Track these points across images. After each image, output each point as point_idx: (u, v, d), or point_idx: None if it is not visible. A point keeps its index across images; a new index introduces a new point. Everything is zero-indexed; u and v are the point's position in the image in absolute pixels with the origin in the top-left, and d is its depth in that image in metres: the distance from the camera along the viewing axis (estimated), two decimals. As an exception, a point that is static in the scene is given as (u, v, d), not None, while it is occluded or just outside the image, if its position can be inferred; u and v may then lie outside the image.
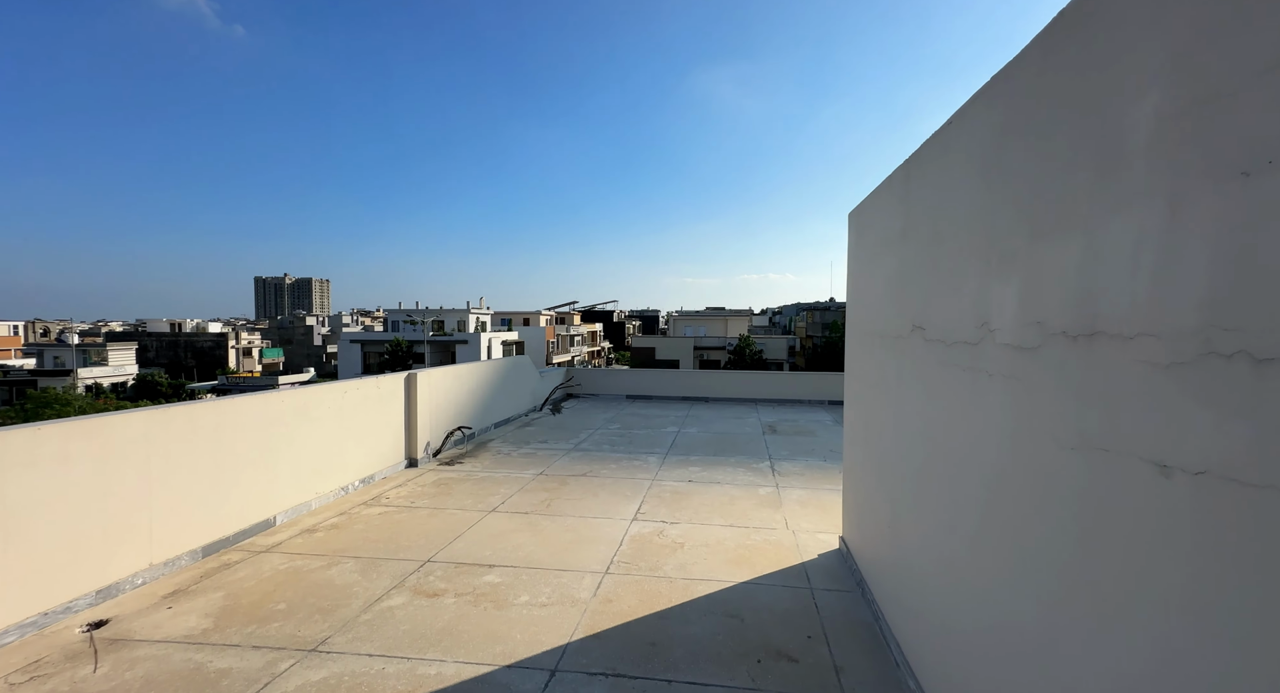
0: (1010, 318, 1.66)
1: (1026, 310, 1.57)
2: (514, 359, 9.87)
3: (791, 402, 11.77)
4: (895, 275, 2.86)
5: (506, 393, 9.26)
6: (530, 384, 10.36)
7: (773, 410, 10.89)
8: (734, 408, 11.16)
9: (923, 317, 2.46)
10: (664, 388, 12.37)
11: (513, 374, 9.56)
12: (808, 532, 4.59)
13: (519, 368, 9.91)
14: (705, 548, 4.22)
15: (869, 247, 3.48)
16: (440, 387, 7.17)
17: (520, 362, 10.04)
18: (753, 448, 7.65)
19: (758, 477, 6.20)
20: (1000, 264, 1.73)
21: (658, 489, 5.70)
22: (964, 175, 2.03)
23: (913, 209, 2.64)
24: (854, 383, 3.86)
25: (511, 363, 9.65)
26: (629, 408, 11.08)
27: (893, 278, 2.90)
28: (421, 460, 6.59)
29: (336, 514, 4.86)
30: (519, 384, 9.83)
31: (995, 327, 1.76)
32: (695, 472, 6.37)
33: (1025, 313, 1.58)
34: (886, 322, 3.01)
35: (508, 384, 9.31)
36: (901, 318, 2.74)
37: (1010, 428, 1.65)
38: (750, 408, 11.18)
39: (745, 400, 11.92)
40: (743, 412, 10.74)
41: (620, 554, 4.10)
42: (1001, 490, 1.70)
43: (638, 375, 12.88)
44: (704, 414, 10.41)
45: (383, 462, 6.01)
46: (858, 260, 3.81)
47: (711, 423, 9.53)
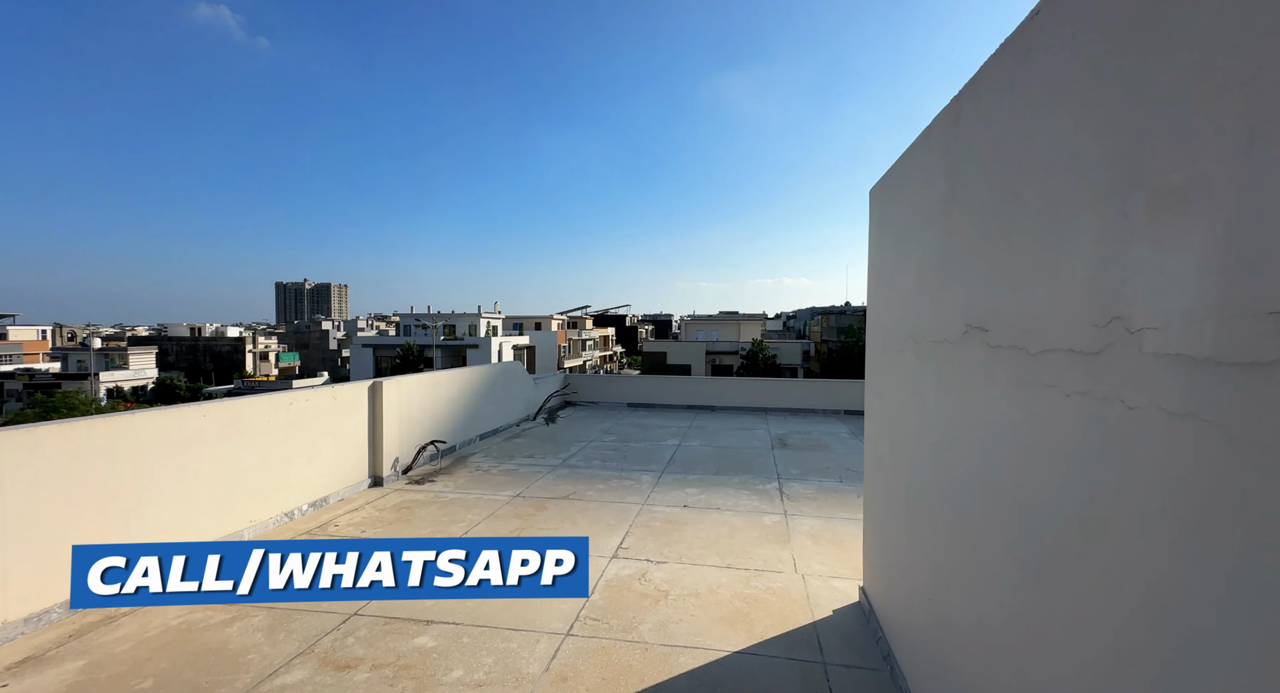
0: (1194, 304, 0.90)
1: (1239, 291, 0.82)
2: (503, 365, 9.22)
3: (804, 411, 10.93)
4: (937, 259, 2.10)
5: (494, 402, 8.59)
6: (522, 392, 9.69)
7: (784, 421, 10.07)
8: (742, 418, 10.36)
9: (984, 312, 1.70)
10: (668, 396, 11.61)
11: (501, 382, 8.90)
12: (820, 576, 3.80)
13: (509, 375, 9.24)
14: (695, 598, 3.47)
15: (896, 227, 2.72)
16: (413, 396, 6.52)
17: (511, 368, 9.37)
18: (760, 465, 6.86)
19: (763, 501, 5.41)
20: (1160, 207, 0.97)
21: (647, 516, 4.95)
22: (1071, 78, 1.27)
23: (964, 162, 1.88)
24: (877, 399, 3.09)
25: (500, 370, 8.98)
26: (629, 418, 10.34)
27: (933, 263, 2.14)
28: (388, 479, 5.93)
29: (272, 546, 4.20)
30: (509, 392, 9.16)
31: (1145, 324, 1.00)
32: (692, 494, 5.61)
33: (1237, 296, 0.82)
34: (923, 322, 2.25)
35: (496, 392, 8.65)
36: (946, 316, 1.98)
37: (1180, 513, 0.89)
38: (759, 418, 10.37)
39: (754, 410, 11.11)
40: (751, 422, 9.93)
41: (590, 606, 3.36)
42: (1167, 621, 0.93)
43: (640, 382, 12.15)
44: (709, 425, 9.62)
45: (340, 481, 5.35)
46: (881, 247, 3.05)
47: (716, 435, 8.74)
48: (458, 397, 7.53)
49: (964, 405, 1.84)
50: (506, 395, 9.06)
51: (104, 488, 3.35)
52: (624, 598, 3.46)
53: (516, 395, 9.44)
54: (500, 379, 8.88)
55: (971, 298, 1.79)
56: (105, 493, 3.35)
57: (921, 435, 2.24)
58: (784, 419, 10.24)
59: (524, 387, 9.77)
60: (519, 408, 9.52)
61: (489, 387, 8.46)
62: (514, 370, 9.47)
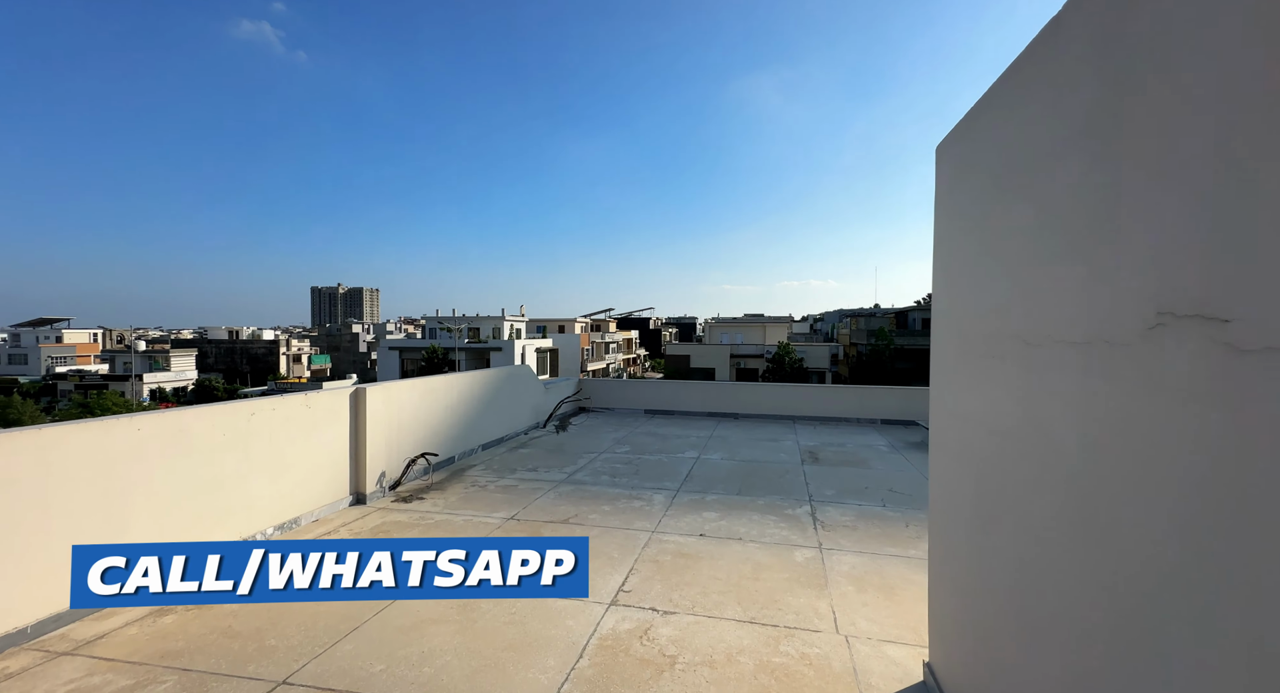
0: None
1: None
2: (510, 369, 8.63)
3: (837, 420, 10.02)
4: (1086, 208, 1.33)
5: (500, 409, 7.99)
6: (531, 398, 9.08)
7: (814, 431, 9.20)
8: (768, 427, 9.53)
9: (1204, 289, 0.95)
10: (688, 402, 10.85)
11: (508, 387, 8.30)
12: (869, 639, 3.02)
13: (516, 380, 8.65)
14: (709, 669, 2.73)
15: (991, 179, 1.95)
16: (404, 404, 5.95)
17: (518, 372, 8.78)
18: (788, 484, 6.06)
19: (793, 530, 4.63)
20: None
21: (656, 548, 4.23)
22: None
23: (1151, 26, 1.12)
24: (952, 423, 2.31)
25: (506, 374, 8.39)
26: (645, 425, 9.62)
27: (1075, 215, 1.38)
28: (372, 496, 5.36)
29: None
30: (517, 398, 8.56)
31: None
32: (711, 520, 4.86)
33: None
34: (1046, 311, 1.49)
35: (501, 399, 8.05)
36: (1107, 299, 1.22)
37: None
38: (787, 427, 9.52)
39: (782, 418, 10.26)
40: (778, 432, 9.10)
41: (578, 676, 2.67)
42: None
43: (659, 387, 11.42)
44: (732, 435, 8.83)
45: (315, 500, 4.79)
46: (959, 214, 2.28)
47: (740, 447, 7.95)
48: (457, 404, 6.95)
49: (1147, 452, 1.08)
50: (514, 402, 8.46)
51: (6, 520, 2.80)
52: (619, 666, 2.75)
53: (525, 402, 8.84)
54: (506, 385, 8.29)
55: (1173, 265, 1.03)
56: (6, 525, 2.81)
57: (1044, 488, 1.47)
58: (814, 429, 9.37)
59: (533, 392, 9.16)
60: (527, 415, 8.91)
61: (494, 393, 7.87)
62: (521, 375, 8.87)
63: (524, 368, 8.94)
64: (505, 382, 8.26)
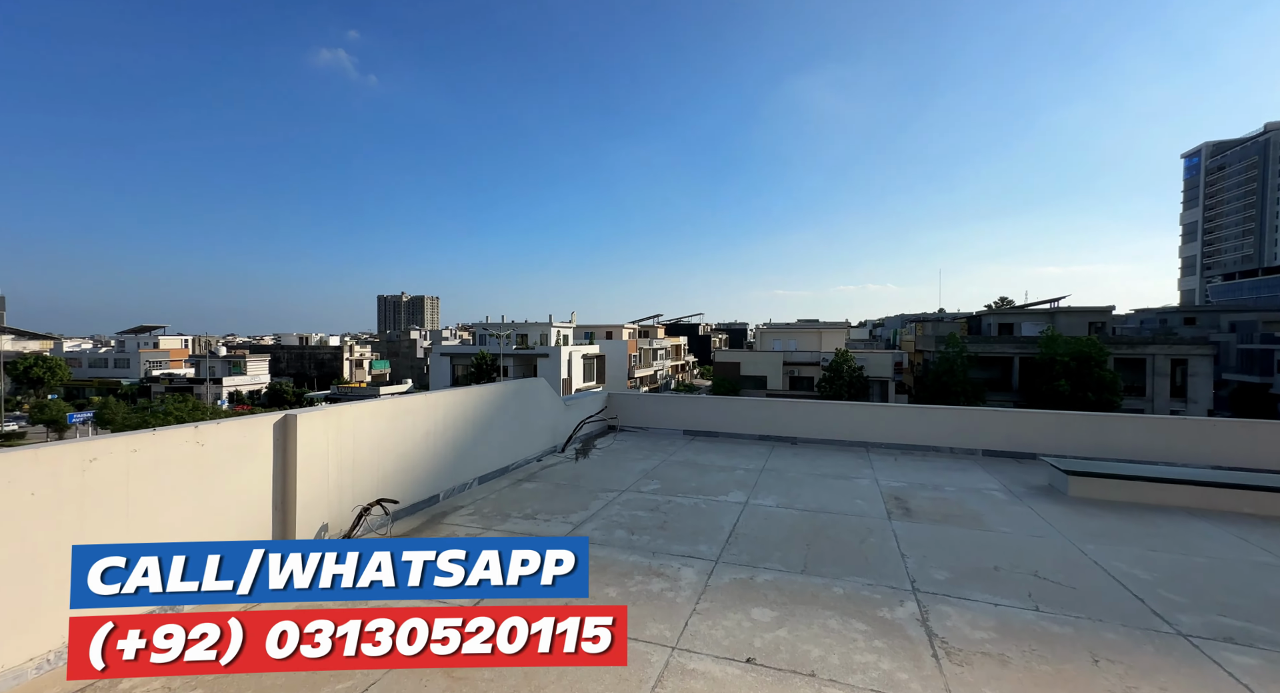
0: None
1: None
2: (520, 383, 7.23)
3: (922, 449, 8.00)
4: None
5: (504, 432, 6.60)
6: (546, 417, 7.65)
7: (896, 465, 7.26)
8: (835, 457, 7.66)
9: None
10: (734, 421, 9.10)
11: (514, 405, 6.90)
12: None
13: (526, 395, 7.24)
14: None
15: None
16: (363, 434, 4.63)
17: (529, 388, 7.37)
18: (875, 554, 4.28)
19: (897, 655, 2.89)
20: None
21: (674, 684, 2.63)
22: None
23: None
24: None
25: (513, 389, 7.00)
26: (683, 451, 7.97)
27: None
28: (305, 558, 4.04)
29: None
30: (527, 418, 7.15)
31: None
32: (764, 625, 3.18)
33: None
34: None
35: (505, 419, 6.66)
36: None
37: None
38: (860, 458, 7.61)
39: (850, 445, 8.33)
40: (848, 465, 7.22)
41: None
42: None
43: (700, 405, 9.73)
44: (790, 468, 7.04)
45: (213, 570, 3.50)
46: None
47: (801, 487, 6.17)
48: (443, 429, 5.60)
49: None
50: (523, 423, 7.06)
51: None
52: None
53: (537, 422, 7.42)
54: (513, 402, 6.89)
55: None
56: None
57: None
58: (896, 462, 7.41)
59: (548, 411, 7.72)
60: (542, 438, 7.48)
61: (496, 412, 6.49)
62: (532, 390, 7.46)
63: (537, 382, 7.55)
64: (512, 399, 6.86)
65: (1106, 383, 31.08)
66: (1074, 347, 32.03)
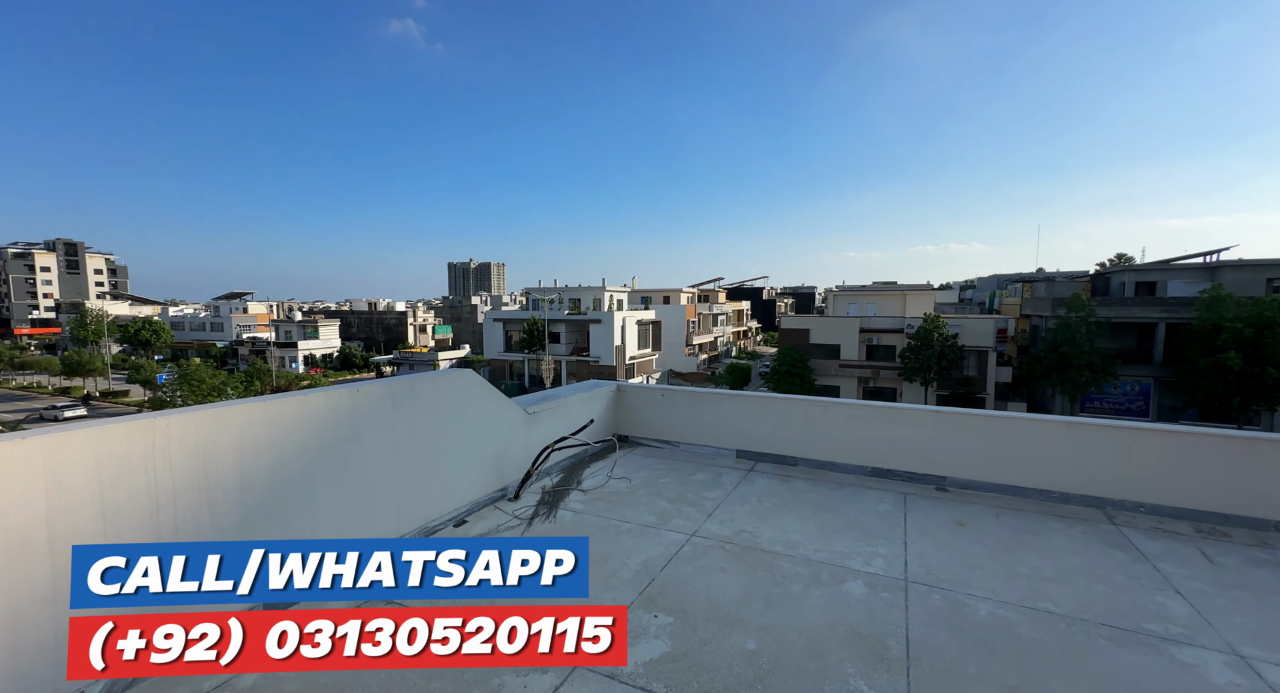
0: None
1: None
2: (412, 381, 4.11)
3: (1199, 518, 4.22)
4: None
5: (377, 471, 3.63)
6: (483, 436, 4.58)
7: (1198, 562, 3.59)
8: (1045, 527, 4.10)
9: None
10: (828, 441, 5.60)
11: (407, 419, 3.88)
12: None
13: (432, 401, 4.17)
14: None
15: None
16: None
17: (438, 386, 4.28)
18: None
19: None
20: None
21: None
22: None
23: None
24: None
25: (403, 391, 3.95)
26: (734, 501, 4.70)
27: None
28: None
29: None
30: (436, 442, 4.13)
31: None
32: None
33: None
34: None
35: (378, 446, 3.67)
36: None
37: None
38: (1105, 534, 4.01)
39: (1057, 499, 4.69)
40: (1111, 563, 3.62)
41: None
42: None
43: (765, 410, 5.99)
44: (963, 555, 3.60)
45: None
46: None
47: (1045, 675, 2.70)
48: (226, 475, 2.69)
49: None
50: (422, 450, 4.04)
51: None
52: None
53: (464, 448, 4.38)
54: (401, 413, 3.86)
55: None
56: None
57: None
58: (1178, 547, 3.74)
59: (487, 425, 4.62)
60: (470, 477, 4.44)
61: (354, 436, 3.49)
62: (447, 391, 4.36)
63: (455, 377, 4.43)
64: (402, 408, 3.83)
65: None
66: (1251, 309, 25.35)
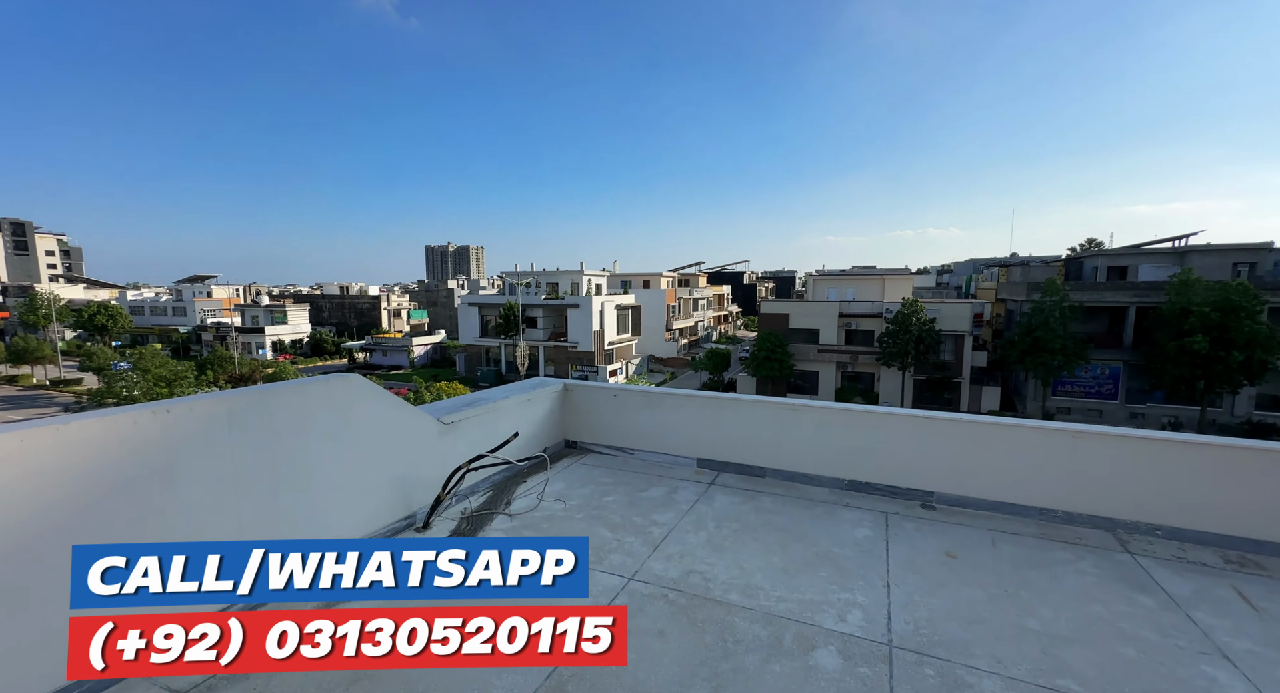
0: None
1: None
2: (262, 393, 3.24)
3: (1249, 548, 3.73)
4: None
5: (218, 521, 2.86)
6: (394, 451, 3.83)
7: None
8: (1067, 559, 3.55)
9: None
10: (796, 451, 4.89)
11: (250, 444, 3.07)
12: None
13: (275, 415, 3.14)
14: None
15: None
16: None
17: (309, 393, 3.41)
18: None
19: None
20: None
21: None
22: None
23: None
24: None
25: (248, 402, 3.13)
26: (689, 527, 4.04)
27: None
28: None
29: None
30: (314, 460, 3.34)
31: None
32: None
33: None
34: None
35: (182, 489, 2.77)
36: None
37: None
38: (1125, 572, 3.47)
39: (1064, 519, 4.15)
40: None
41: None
42: None
43: (732, 413, 5.12)
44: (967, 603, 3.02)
45: None
46: None
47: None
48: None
49: None
50: (302, 476, 3.26)
51: None
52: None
53: (362, 467, 3.61)
54: (253, 436, 2.99)
55: None
56: None
57: None
58: (1210, 586, 3.21)
59: (389, 438, 3.78)
60: (374, 501, 3.68)
61: (166, 469, 2.68)
62: (334, 400, 3.46)
63: (337, 385, 3.50)
64: (229, 433, 2.95)
65: (1260, 339, 24.87)
66: (1217, 294, 25.67)
